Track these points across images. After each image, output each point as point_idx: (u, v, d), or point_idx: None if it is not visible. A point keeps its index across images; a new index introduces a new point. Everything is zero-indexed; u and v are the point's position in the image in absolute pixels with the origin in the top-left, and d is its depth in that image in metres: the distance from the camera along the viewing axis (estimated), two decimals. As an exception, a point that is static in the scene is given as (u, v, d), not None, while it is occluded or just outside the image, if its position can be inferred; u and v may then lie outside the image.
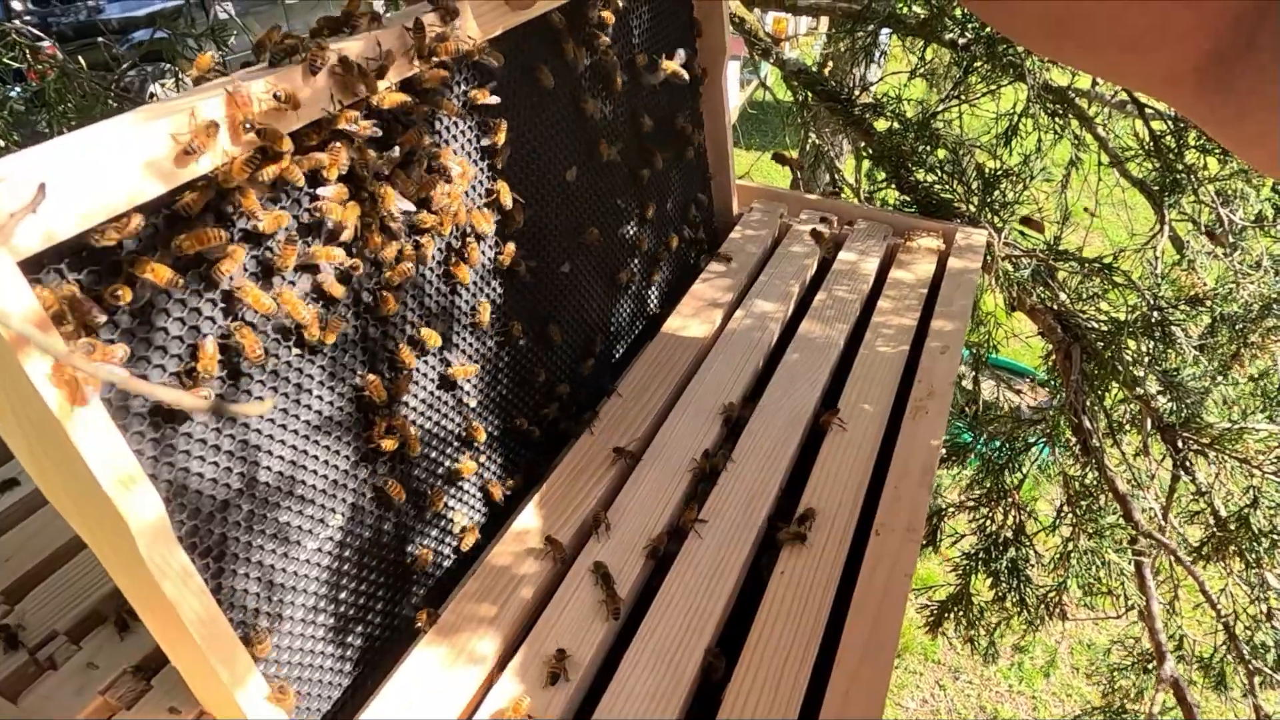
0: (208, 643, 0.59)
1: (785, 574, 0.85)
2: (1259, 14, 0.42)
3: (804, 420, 1.04)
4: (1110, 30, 0.46)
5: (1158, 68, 0.46)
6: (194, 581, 0.58)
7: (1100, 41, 0.48)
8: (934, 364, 1.14)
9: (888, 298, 1.26)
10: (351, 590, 0.74)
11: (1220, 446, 1.40)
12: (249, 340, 0.60)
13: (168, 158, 0.54)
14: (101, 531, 0.55)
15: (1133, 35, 0.46)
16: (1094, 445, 1.45)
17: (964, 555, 1.66)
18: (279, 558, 0.67)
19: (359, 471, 0.73)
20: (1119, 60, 0.49)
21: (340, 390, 0.71)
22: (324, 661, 0.72)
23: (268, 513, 0.66)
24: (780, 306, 1.22)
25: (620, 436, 1.00)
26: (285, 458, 0.67)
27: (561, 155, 0.98)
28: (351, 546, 0.73)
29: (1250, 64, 0.42)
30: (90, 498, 0.52)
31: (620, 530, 0.88)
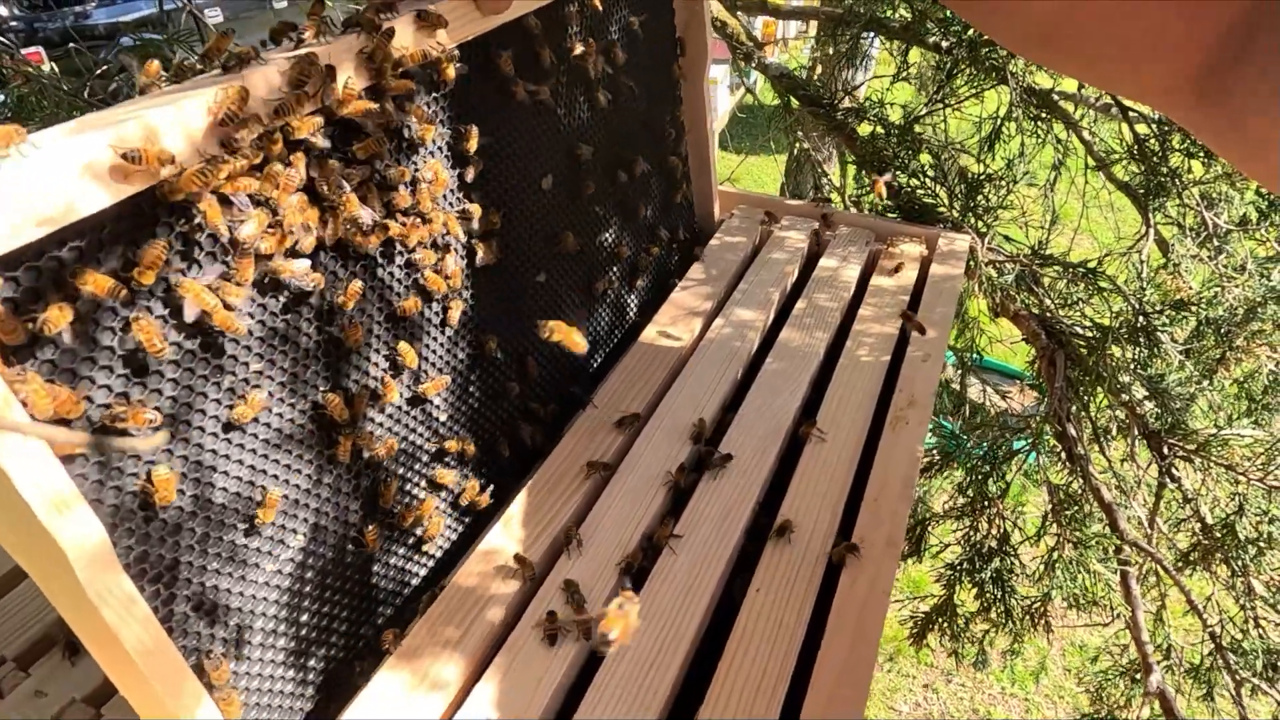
0: (153, 671, 0.57)
1: (761, 591, 0.83)
2: (1248, 26, 0.41)
3: (783, 431, 1.02)
4: (1103, 41, 0.46)
5: (1152, 80, 0.46)
6: (139, 609, 0.56)
7: (1093, 52, 0.47)
8: (915, 373, 1.12)
9: (869, 305, 1.24)
10: (313, 612, 0.72)
11: (1206, 453, 1.39)
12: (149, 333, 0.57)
13: (106, 168, 0.52)
14: (39, 559, 0.52)
15: (1126, 46, 0.45)
16: (1078, 453, 1.43)
17: (948, 566, 1.64)
18: (235, 581, 0.65)
19: (320, 490, 0.71)
20: (1113, 71, 0.49)
21: (299, 406, 0.69)
22: (284, 687, 0.70)
23: (222, 535, 0.63)
24: (760, 314, 1.21)
25: (594, 449, 0.98)
26: (241, 477, 0.64)
27: (537, 162, 0.96)
28: (313, 567, 0.71)
29: (1241, 76, 0.41)
30: (24, 523, 0.50)
31: (593, 546, 0.86)
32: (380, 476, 0.77)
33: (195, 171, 0.56)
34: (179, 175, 0.55)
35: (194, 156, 0.57)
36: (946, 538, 1.75)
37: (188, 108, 0.57)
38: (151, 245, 0.55)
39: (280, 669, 0.69)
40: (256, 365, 0.64)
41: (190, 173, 0.56)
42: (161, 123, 0.55)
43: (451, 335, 0.85)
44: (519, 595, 0.81)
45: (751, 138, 10.15)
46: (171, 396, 0.58)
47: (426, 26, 0.73)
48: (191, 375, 0.60)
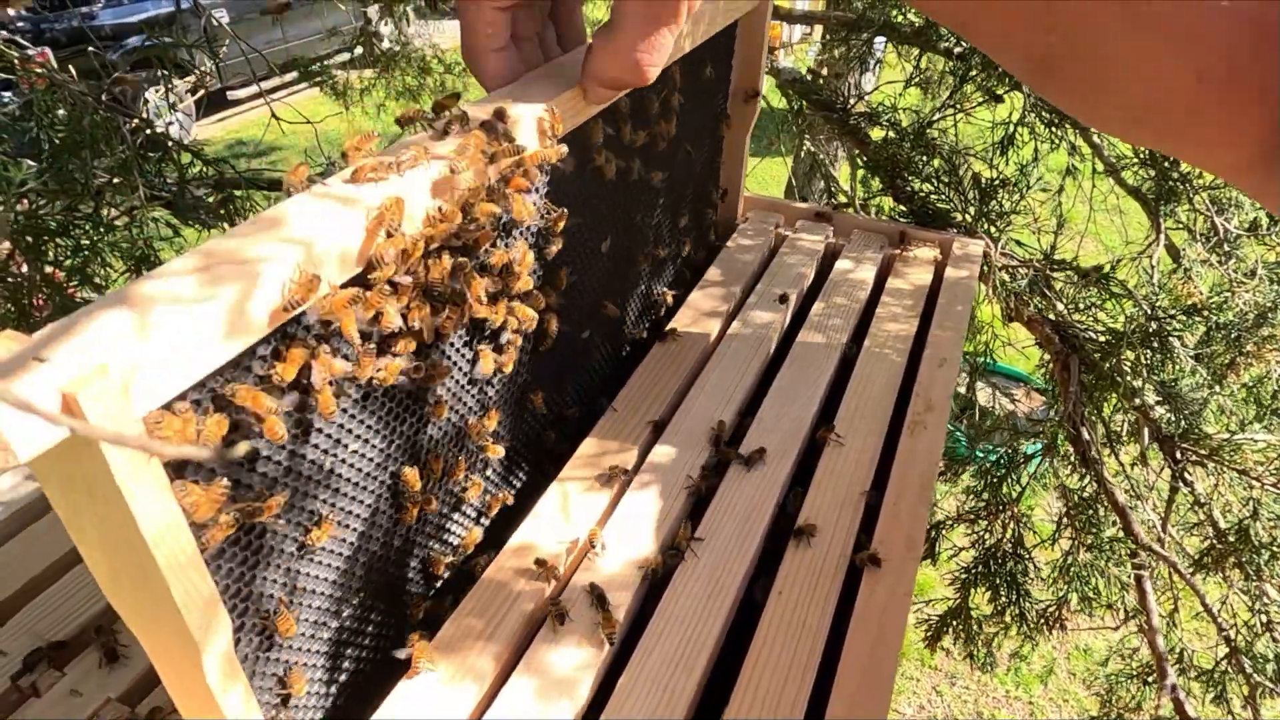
0: (224, 683, 0.56)
1: (783, 594, 0.84)
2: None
3: (801, 435, 1.03)
4: (1184, 130, 0.53)
5: (1226, 161, 0.53)
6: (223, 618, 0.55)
7: (1175, 138, 0.55)
8: (931, 377, 1.13)
9: (885, 308, 1.25)
10: (353, 614, 0.73)
11: (1219, 458, 1.39)
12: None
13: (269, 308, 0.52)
14: (119, 557, 0.51)
15: (1207, 135, 0.52)
16: (1092, 457, 1.44)
17: (963, 569, 1.65)
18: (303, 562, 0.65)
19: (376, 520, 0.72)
20: (1194, 154, 0.57)
21: (380, 479, 0.70)
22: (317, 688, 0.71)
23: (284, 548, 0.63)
24: (777, 318, 1.21)
25: (615, 453, 0.98)
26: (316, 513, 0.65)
27: (600, 228, 0.97)
28: (361, 564, 0.72)
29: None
30: (115, 520, 0.49)
31: (615, 549, 0.87)
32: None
33: (347, 299, 0.57)
34: (331, 297, 0.56)
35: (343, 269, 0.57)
36: (959, 541, 1.75)
37: (350, 224, 0.57)
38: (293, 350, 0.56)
39: (319, 672, 0.70)
40: (354, 445, 0.65)
41: (341, 300, 0.56)
42: (325, 250, 0.55)
43: (504, 398, 0.87)
44: (545, 598, 0.82)
45: (756, 140, 10.19)
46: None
47: (547, 132, 0.72)
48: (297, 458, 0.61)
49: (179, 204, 1.29)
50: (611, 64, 0.69)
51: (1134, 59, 0.52)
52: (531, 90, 0.73)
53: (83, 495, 0.46)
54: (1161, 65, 0.52)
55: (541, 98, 0.72)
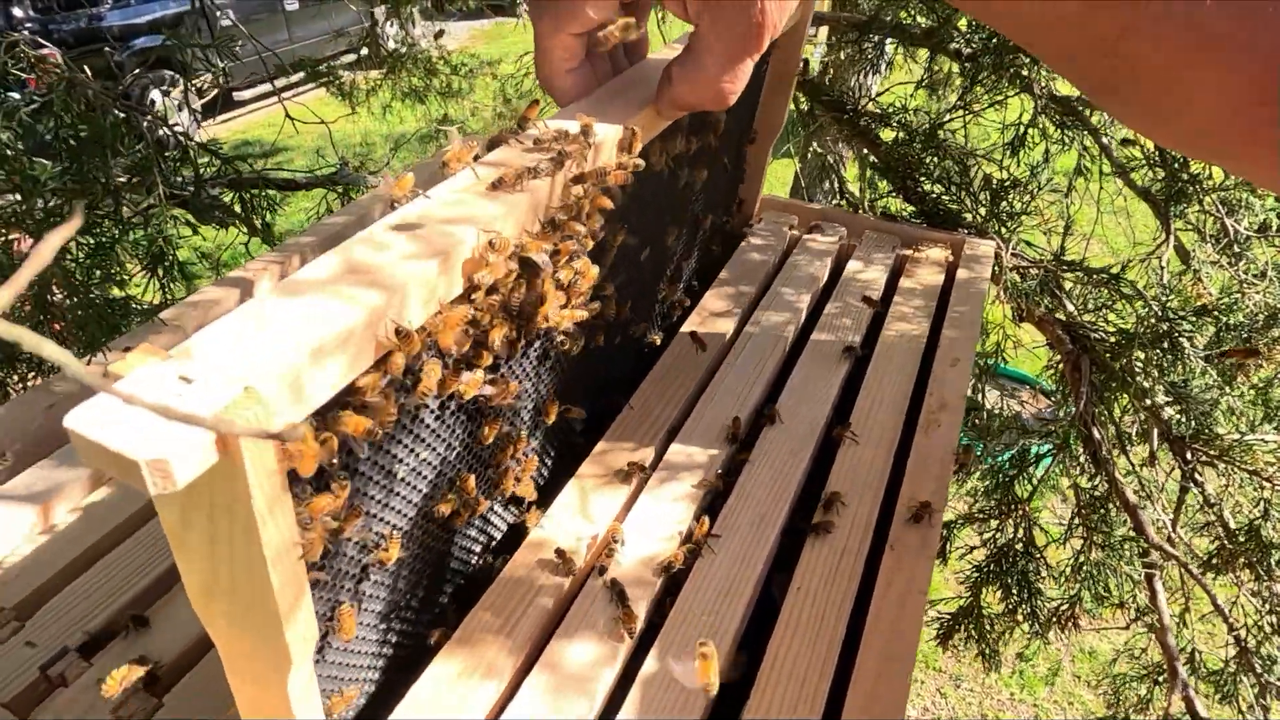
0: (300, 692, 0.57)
1: (801, 589, 0.84)
2: None
3: (816, 433, 1.04)
4: (1247, 149, 0.58)
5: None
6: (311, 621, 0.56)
7: (1238, 156, 0.60)
8: (945, 375, 1.14)
9: (898, 307, 1.25)
10: (397, 614, 0.73)
11: (1230, 458, 1.40)
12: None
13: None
14: (221, 556, 0.51)
15: (1270, 155, 0.56)
16: (1104, 457, 1.44)
17: (974, 568, 1.65)
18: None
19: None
20: (1258, 173, 0.62)
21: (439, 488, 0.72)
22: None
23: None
24: (791, 318, 1.22)
25: (633, 451, 0.99)
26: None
27: (641, 238, 0.99)
28: (411, 565, 0.72)
29: None
30: (228, 519, 0.48)
31: (634, 545, 0.87)
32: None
33: (461, 318, 0.59)
34: (445, 314, 0.58)
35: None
36: (969, 541, 1.76)
37: (452, 275, 0.57)
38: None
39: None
40: (424, 454, 0.66)
41: (455, 318, 0.58)
42: (415, 296, 0.55)
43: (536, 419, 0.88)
44: (565, 593, 0.83)
45: (760, 141, 10.19)
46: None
47: (627, 148, 0.73)
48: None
49: (194, 203, 1.30)
50: (693, 92, 0.71)
51: (1195, 86, 0.53)
52: (608, 107, 0.74)
53: (203, 513, 0.45)
54: (1222, 90, 0.53)
55: (618, 115, 0.73)
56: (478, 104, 5.78)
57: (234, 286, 1.16)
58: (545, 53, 0.72)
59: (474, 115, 5.89)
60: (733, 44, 0.66)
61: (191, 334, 0.46)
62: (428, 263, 0.54)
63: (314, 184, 1.84)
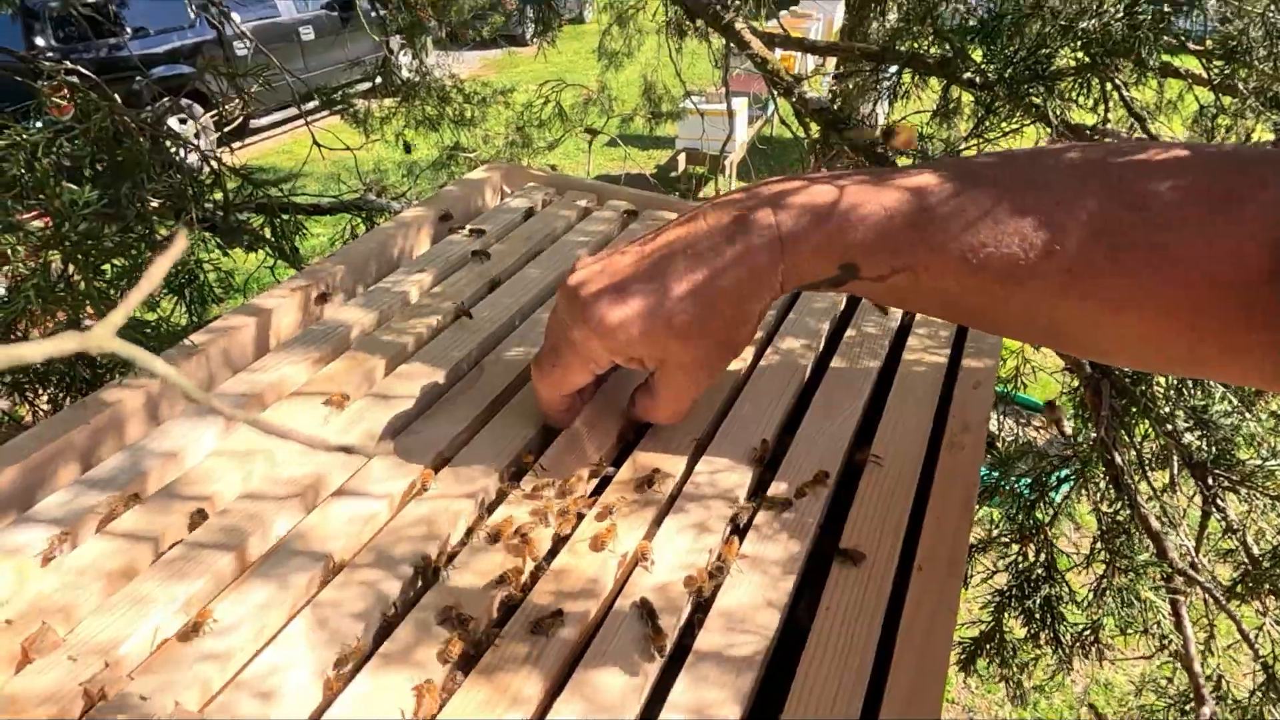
0: None
1: (830, 609, 0.85)
2: None
3: (839, 457, 1.04)
4: (1206, 370, 0.83)
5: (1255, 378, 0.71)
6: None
7: (1198, 374, 0.85)
8: (967, 399, 1.14)
9: (916, 335, 1.26)
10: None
11: (1252, 484, 1.40)
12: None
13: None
14: None
15: (1230, 372, 0.75)
16: (1125, 482, 1.44)
17: (996, 593, 1.65)
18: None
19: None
20: (1230, 378, 0.88)
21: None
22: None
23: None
24: (810, 344, 1.23)
25: (658, 471, 1.00)
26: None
27: None
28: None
29: None
30: None
31: (662, 564, 0.88)
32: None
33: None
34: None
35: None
36: (991, 566, 1.75)
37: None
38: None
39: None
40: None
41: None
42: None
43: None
44: (594, 611, 0.83)
45: (769, 168, 10.30)
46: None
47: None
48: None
49: (223, 226, 1.32)
50: (652, 417, 1.02)
51: (1129, 331, 0.71)
52: (597, 427, 1.03)
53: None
54: (1155, 335, 0.68)
55: (607, 431, 1.03)
56: (489, 131, 5.84)
57: (260, 312, 1.18)
58: (544, 402, 1.00)
59: (486, 143, 5.96)
60: (679, 398, 0.98)
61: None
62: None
63: (338, 208, 1.87)
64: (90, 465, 0.96)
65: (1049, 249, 0.71)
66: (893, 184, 0.82)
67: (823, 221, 0.84)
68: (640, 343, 0.89)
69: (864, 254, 0.83)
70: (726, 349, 0.95)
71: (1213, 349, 0.66)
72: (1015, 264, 0.74)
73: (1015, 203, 0.74)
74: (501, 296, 1.29)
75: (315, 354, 1.13)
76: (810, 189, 0.86)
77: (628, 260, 0.90)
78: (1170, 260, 0.66)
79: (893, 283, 0.84)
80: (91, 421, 0.98)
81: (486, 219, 1.52)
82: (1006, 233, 0.74)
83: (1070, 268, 0.71)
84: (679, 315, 0.87)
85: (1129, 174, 0.71)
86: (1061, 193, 0.73)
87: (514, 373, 1.13)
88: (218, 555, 0.82)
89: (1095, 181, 0.73)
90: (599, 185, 1.65)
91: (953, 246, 0.77)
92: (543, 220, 1.52)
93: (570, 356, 0.93)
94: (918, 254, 0.80)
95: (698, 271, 0.87)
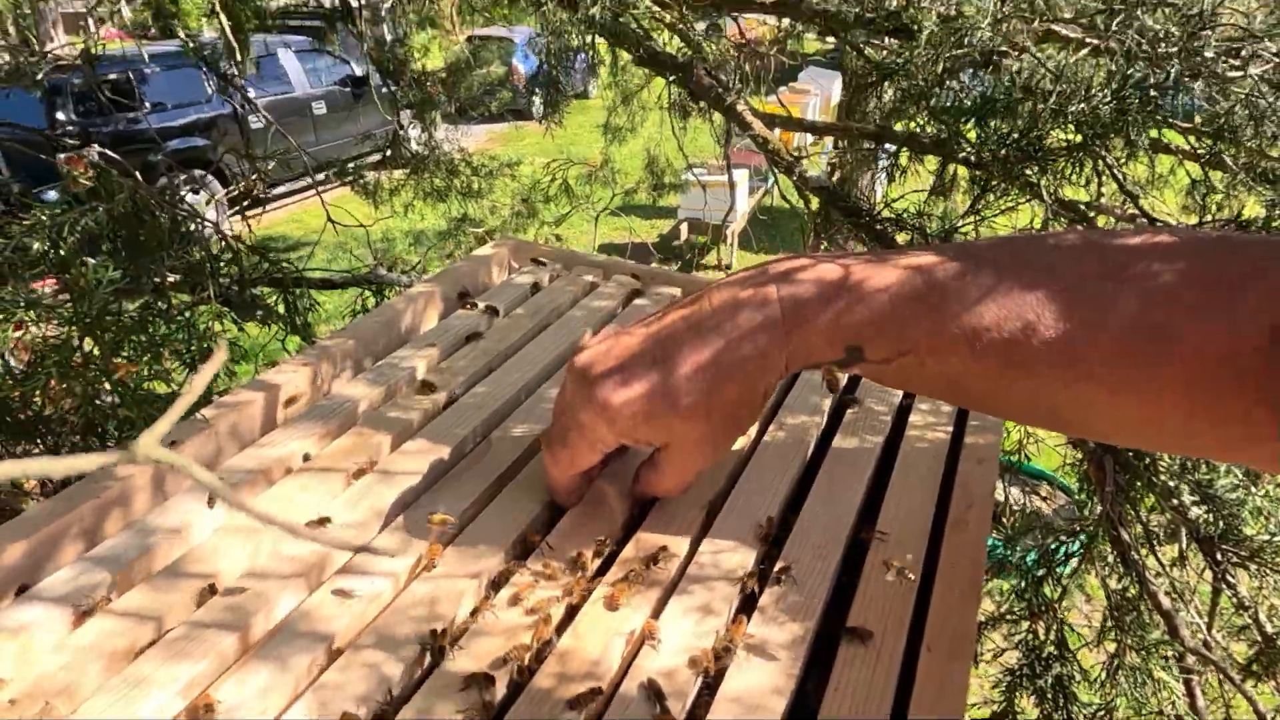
0: None
1: (839, 689, 0.84)
2: None
3: (844, 534, 1.04)
4: (1204, 449, 0.94)
5: (1262, 457, 0.72)
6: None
7: (1199, 452, 0.91)
8: (971, 476, 1.15)
9: (919, 410, 1.27)
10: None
11: (1261, 559, 1.39)
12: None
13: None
14: None
15: (1227, 451, 0.81)
16: (1133, 558, 1.43)
17: (1007, 671, 1.62)
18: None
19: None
20: (1229, 457, 0.92)
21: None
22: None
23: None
24: (813, 419, 1.24)
25: (664, 547, 1.00)
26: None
27: None
28: None
29: None
30: None
31: (668, 645, 0.87)
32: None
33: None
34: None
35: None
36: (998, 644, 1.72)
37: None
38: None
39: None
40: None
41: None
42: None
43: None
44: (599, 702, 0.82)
45: (771, 238, 10.46)
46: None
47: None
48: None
49: (236, 301, 1.35)
50: (657, 490, 1.02)
51: (1128, 413, 0.72)
52: (603, 504, 1.03)
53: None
54: (1153, 414, 0.70)
55: (613, 508, 1.03)
56: (496, 203, 5.96)
57: (268, 387, 1.19)
58: (553, 482, 1.01)
59: (493, 213, 6.07)
60: (684, 474, 0.99)
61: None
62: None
63: (349, 282, 1.91)
64: (96, 540, 0.96)
65: (1051, 333, 0.73)
66: (898, 267, 0.84)
67: (829, 304, 0.86)
68: (646, 425, 0.90)
69: (869, 337, 0.85)
70: (732, 428, 0.96)
71: (1204, 422, 0.67)
72: (1018, 347, 0.75)
73: (1017, 287, 0.76)
74: (508, 372, 1.31)
75: (322, 429, 1.15)
76: (816, 270, 0.88)
77: (634, 340, 0.92)
78: (1168, 342, 0.67)
79: (899, 365, 0.86)
80: (101, 496, 0.98)
81: (494, 294, 1.54)
82: (1009, 317, 0.76)
83: (1071, 351, 0.72)
84: (685, 397, 0.88)
85: (1126, 259, 0.74)
86: (1062, 278, 0.75)
87: (520, 448, 1.14)
88: (221, 635, 0.82)
89: (1093, 266, 0.76)
90: (604, 260, 1.69)
91: (957, 330, 0.79)
92: (549, 295, 1.55)
93: (578, 439, 0.94)
94: (922, 338, 0.82)
95: (703, 352, 0.88)
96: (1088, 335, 0.72)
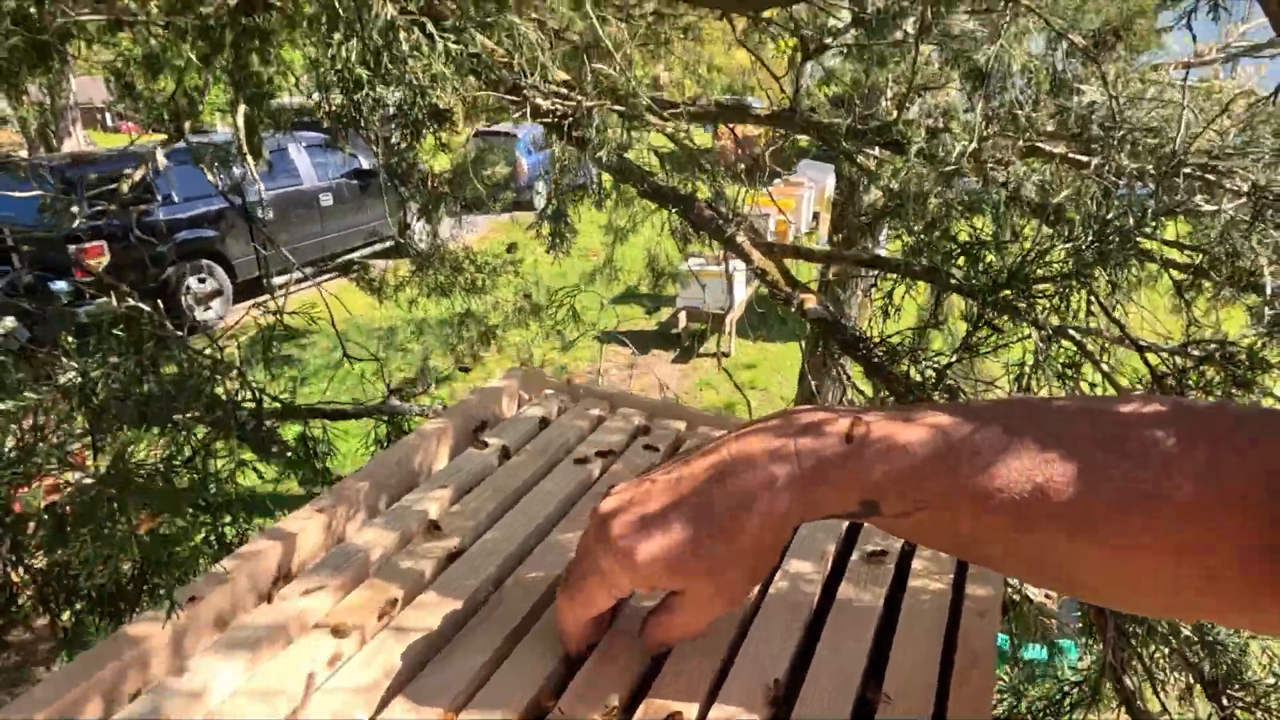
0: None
1: None
2: None
3: (851, 696, 1.05)
4: (1216, 614, 0.84)
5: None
6: None
7: (1212, 618, 0.84)
8: (972, 629, 1.16)
9: (920, 558, 1.30)
10: None
11: (1266, 706, 1.39)
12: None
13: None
14: None
15: (1244, 618, 0.75)
16: (1139, 707, 1.44)
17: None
18: None
19: None
20: (1243, 624, 0.80)
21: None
22: None
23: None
24: (817, 567, 1.26)
25: (674, 711, 1.01)
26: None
27: None
28: None
29: None
30: None
31: (679, 823, 0.88)
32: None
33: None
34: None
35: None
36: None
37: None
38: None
39: None
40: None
41: None
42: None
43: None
44: None
45: (769, 326, 10.61)
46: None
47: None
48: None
49: (252, 440, 1.39)
50: (667, 635, 1.04)
51: (1142, 581, 0.72)
52: (616, 660, 1.05)
53: None
54: (1167, 578, 0.71)
55: (625, 666, 1.05)
56: (499, 299, 6.06)
57: (285, 536, 1.22)
58: (565, 626, 1.04)
59: (495, 309, 6.17)
60: (697, 622, 1.01)
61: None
62: None
63: (362, 413, 1.95)
64: (115, 703, 0.98)
65: (1059, 493, 0.77)
66: (915, 425, 0.88)
67: (847, 459, 0.90)
68: (666, 574, 0.94)
69: (886, 492, 0.88)
70: (749, 580, 0.98)
71: (1194, 570, 0.70)
72: (1026, 507, 0.79)
73: (1024, 450, 0.80)
74: (518, 515, 1.34)
75: (336, 580, 1.17)
76: (836, 425, 0.92)
77: (657, 489, 0.96)
78: (1167, 503, 0.71)
79: (915, 520, 0.89)
80: (124, 657, 1.00)
81: (504, 429, 1.59)
82: (1018, 480, 0.80)
83: (1073, 509, 0.76)
84: (705, 550, 0.92)
85: (1121, 426, 0.78)
86: (1062, 442, 0.79)
87: (533, 597, 1.16)
88: (240, 815, 0.82)
89: (1084, 428, 0.80)
90: (611, 393, 1.74)
91: (971, 488, 0.82)
92: (557, 430, 1.59)
93: (597, 585, 0.97)
94: (936, 496, 0.85)
95: (724, 504, 0.92)
96: (1086, 495, 0.76)
